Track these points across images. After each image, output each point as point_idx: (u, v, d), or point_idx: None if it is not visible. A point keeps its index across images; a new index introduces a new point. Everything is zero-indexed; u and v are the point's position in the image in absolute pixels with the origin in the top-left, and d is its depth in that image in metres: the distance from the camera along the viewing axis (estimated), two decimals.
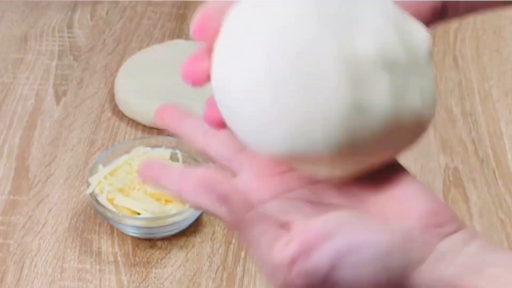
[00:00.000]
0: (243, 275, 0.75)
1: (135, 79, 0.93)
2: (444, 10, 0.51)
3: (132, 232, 0.77)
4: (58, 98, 0.95)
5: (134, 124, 0.91)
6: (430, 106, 0.46)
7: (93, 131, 0.90)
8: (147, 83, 0.93)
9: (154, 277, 0.75)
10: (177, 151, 0.82)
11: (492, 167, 0.86)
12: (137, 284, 0.74)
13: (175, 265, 0.76)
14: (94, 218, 0.80)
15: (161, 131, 0.89)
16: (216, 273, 0.75)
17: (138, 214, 0.76)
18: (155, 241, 0.78)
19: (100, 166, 0.80)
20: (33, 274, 0.75)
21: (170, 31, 1.07)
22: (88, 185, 0.78)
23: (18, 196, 0.83)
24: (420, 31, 0.46)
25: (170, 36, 1.05)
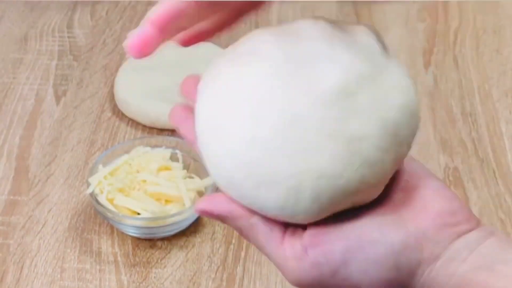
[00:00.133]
0: (243, 275, 0.75)
1: (135, 79, 0.93)
2: None
3: (132, 232, 0.77)
4: (58, 98, 0.95)
5: (134, 124, 0.91)
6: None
7: (93, 131, 0.90)
8: (147, 83, 0.93)
9: (154, 277, 0.75)
10: (177, 151, 0.82)
11: (492, 167, 0.86)
12: (137, 284, 0.74)
13: (175, 265, 0.76)
14: (94, 218, 0.80)
15: (161, 131, 0.89)
16: (216, 273, 0.75)
17: (138, 214, 0.76)
18: (155, 241, 0.78)
19: (100, 166, 0.80)
20: (33, 274, 0.75)
21: None
22: (88, 185, 0.78)
23: (18, 196, 0.83)
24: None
25: None
